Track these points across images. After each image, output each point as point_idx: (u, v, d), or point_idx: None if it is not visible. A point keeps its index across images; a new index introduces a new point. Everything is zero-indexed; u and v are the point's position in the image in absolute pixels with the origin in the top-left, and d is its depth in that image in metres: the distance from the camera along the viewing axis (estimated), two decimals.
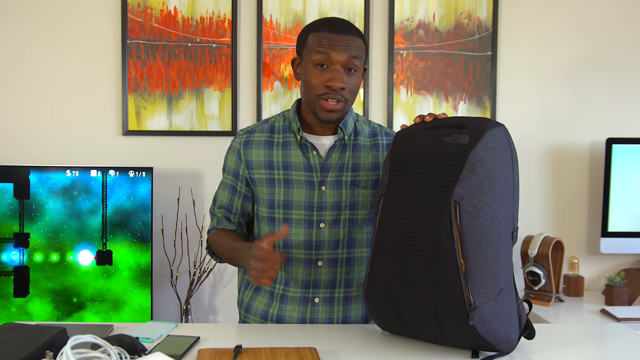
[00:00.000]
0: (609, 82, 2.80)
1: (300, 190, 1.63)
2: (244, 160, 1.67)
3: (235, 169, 1.69)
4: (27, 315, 2.42)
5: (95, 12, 2.65)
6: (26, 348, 1.19)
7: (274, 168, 1.65)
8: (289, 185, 1.63)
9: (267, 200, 1.65)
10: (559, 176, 2.81)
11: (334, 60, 1.54)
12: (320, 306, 1.65)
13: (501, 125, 1.34)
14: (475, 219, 1.28)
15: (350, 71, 1.56)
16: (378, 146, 1.69)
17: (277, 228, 1.65)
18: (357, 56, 1.56)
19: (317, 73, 1.56)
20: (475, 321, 1.27)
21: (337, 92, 1.55)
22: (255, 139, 1.68)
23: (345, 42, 1.55)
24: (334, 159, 1.64)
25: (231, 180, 1.71)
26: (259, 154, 1.66)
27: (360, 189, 1.64)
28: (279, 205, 1.64)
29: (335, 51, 1.54)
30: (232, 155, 1.70)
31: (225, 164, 1.73)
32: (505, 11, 2.76)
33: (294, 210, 1.63)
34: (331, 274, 1.64)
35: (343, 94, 1.56)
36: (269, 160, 1.65)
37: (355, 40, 1.56)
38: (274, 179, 1.64)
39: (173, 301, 2.66)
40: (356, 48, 1.56)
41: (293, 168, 1.64)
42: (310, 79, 1.57)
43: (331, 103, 1.56)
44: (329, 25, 1.57)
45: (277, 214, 1.64)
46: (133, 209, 2.43)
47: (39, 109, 2.66)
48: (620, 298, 2.56)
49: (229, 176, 1.71)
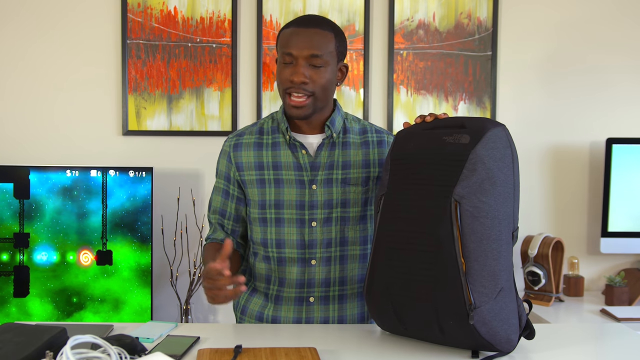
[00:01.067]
0: (609, 82, 2.79)
1: (290, 189, 1.63)
2: (234, 162, 1.68)
3: (226, 172, 1.70)
4: (27, 315, 2.42)
5: (95, 12, 2.65)
6: (26, 348, 1.19)
7: (264, 168, 1.65)
8: (280, 184, 1.64)
9: (258, 201, 1.66)
10: (559, 176, 2.81)
11: (295, 55, 1.56)
12: (315, 305, 1.65)
13: (502, 125, 1.34)
14: (475, 218, 1.28)
15: (315, 68, 1.56)
16: (368, 143, 1.69)
17: (270, 228, 1.65)
18: (319, 54, 1.55)
19: (282, 69, 1.59)
20: (476, 321, 1.27)
21: (300, 85, 1.56)
22: (244, 142, 1.69)
23: (308, 35, 1.55)
24: (323, 157, 1.65)
25: (223, 184, 1.71)
26: (249, 156, 1.67)
27: (351, 186, 1.64)
28: (270, 205, 1.64)
29: (296, 46, 1.56)
30: (222, 159, 1.72)
31: (217, 168, 1.74)
32: (505, 11, 2.76)
33: (285, 210, 1.63)
34: (325, 272, 1.64)
35: (307, 87, 1.56)
36: (259, 161, 1.66)
37: (319, 34, 1.56)
38: (264, 180, 1.65)
39: (173, 301, 2.66)
40: (320, 42, 1.56)
41: (283, 168, 1.64)
42: (278, 74, 1.61)
43: (295, 99, 1.57)
44: (296, 21, 1.60)
45: (269, 214, 1.65)
46: (133, 209, 2.43)
47: (39, 109, 2.66)
48: (620, 298, 2.56)
49: (221, 180, 1.72)
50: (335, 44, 1.59)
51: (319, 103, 1.60)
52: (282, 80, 1.59)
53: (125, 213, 2.43)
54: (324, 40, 1.56)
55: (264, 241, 1.66)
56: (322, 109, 1.63)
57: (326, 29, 1.58)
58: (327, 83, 1.59)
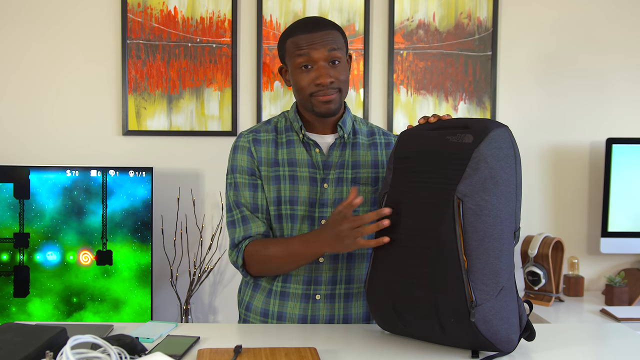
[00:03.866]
0: (609, 82, 2.79)
1: (304, 186, 1.65)
2: (256, 157, 1.67)
3: (248, 166, 1.67)
4: (27, 315, 2.42)
5: (95, 12, 2.65)
6: (26, 348, 1.19)
7: (280, 165, 1.66)
8: (294, 181, 1.65)
9: (273, 198, 1.66)
10: (559, 176, 2.81)
11: (315, 58, 1.58)
12: (321, 303, 1.65)
13: (505, 126, 1.35)
14: (478, 216, 1.28)
15: (334, 64, 1.60)
16: (376, 145, 1.73)
17: (285, 225, 1.65)
18: (336, 48, 1.60)
19: (303, 75, 1.60)
20: (477, 318, 1.27)
21: (328, 87, 1.59)
22: (262, 138, 1.70)
23: (321, 38, 1.59)
24: (336, 156, 1.67)
25: (248, 179, 1.67)
26: (268, 152, 1.68)
27: (361, 185, 1.67)
28: (285, 202, 1.65)
29: (314, 50, 1.58)
30: (241, 154, 1.68)
31: (235, 164, 1.68)
32: (505, 11, 2.76)
33: (299, 207, 1.65)
34: (332, 270, 1.65)
35: (333, 86, 1.60)
36: (275, 158, 1.67)
37: (330, 34, 1.60)
38: (279, 176, 1.66)
39: (173, 301, 2.66)
40: (333, 40, 1.60)
41: (298, 165, 1.66)
42: (299, 81, 1.61)
43: (326, 97, 1.60)
44: (302, 27, 1.62)
45: (284, 210, 1.65)
46: (133, 209, 2.42)
47: (39, 109, 2.66)
48: (620, 298, 2.56)
49: (244, 175, 1.67)
50: (342, 39, 1.65)
51: (344, 96, 1.65)
52: (305, 86, 1.60)
53: (125, 213, 2.42)
54: (334, 38, 1.61)
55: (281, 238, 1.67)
56: None
57: (330, 27, 1.62)
58: (347, 76, 1.65)
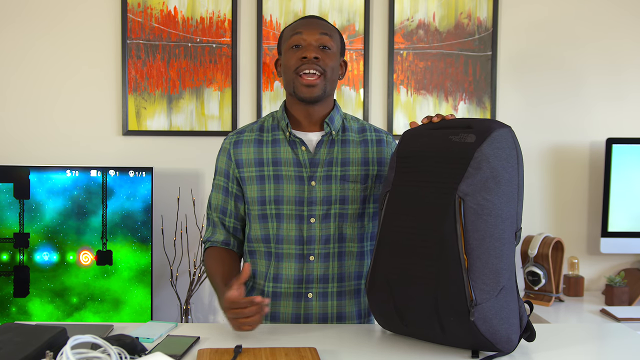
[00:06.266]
0: (609, 82, 2.80)
1: (290, 185, 1.65)
2: (233, 159, 1.70)
3: (225, 169, 1.72)
4: (27, 315, 2.42)
5: (95, 12, 2.65)
6: (26, 348, 1.19)
7: (264, 165, 1.67)
8: (279, 180, 1.65)
9: (257, 198, 1.66)
10: (559, 176, 2.81)
11: (306, 38, 1.62)
12: (313, 301, 1.66)
13: (508, 126, 1.35)
14: (479, 216, 1.28)
15: (324, 49, 1.63)
16: (367, 142, 1.72)
17: (271, 224, 1.66)
18: (329, 35, 1.64)
19: (292, 53, 1.63)
20: (476, 317, 1.27)
21: (312, 62, 1.60)
22: (244, 139, 1.71)
23: (316, 23, 1.65)
24: (323, 154, 1.67)
25: (223, 182, 1.73)
26: (249, 152, 1.69)
27: (350, 183, 1.66)
28: (269, 201, 1.65)
29: (306, 31, 1.62)
30: (222, 157, 1.74)
31: (217, 166, 1.76)
32: (505, 11, 2.76)
33: (284, 206, 1.65)
34: (323, 268, 1.65)
35: (319, 64, 1.61)
36: (259, 157, 1.68)
37: (327, 26, 1.67)
38: (264, 176, 1.66)
39: (173, 301, 2.66)
40: (328, 30, 1.65)
41: (283, 164, 1.66)
42: (287, 60, 1.64)
43: (307, 77, 1.60)
44: (301, 18, 1.68)
45: (269, 210, 1.66)
46: (133, 208, 2.42)
47: (40, 109, 2.66)
48: (620, 298, 2.56)
49: (220, 177, 1.74)
50: (338, 37, 1.68)
51: (328, 86, 1.65)
52: (292, 63, 1.63)
53: (125, 213, 2.42)
54: (330, 31, 1.65)
55: (266, 237, 1.67)
56: (328, 97, 1.68)
57: (329, 25, 1.68)
58: (335, 66, 1.66)
